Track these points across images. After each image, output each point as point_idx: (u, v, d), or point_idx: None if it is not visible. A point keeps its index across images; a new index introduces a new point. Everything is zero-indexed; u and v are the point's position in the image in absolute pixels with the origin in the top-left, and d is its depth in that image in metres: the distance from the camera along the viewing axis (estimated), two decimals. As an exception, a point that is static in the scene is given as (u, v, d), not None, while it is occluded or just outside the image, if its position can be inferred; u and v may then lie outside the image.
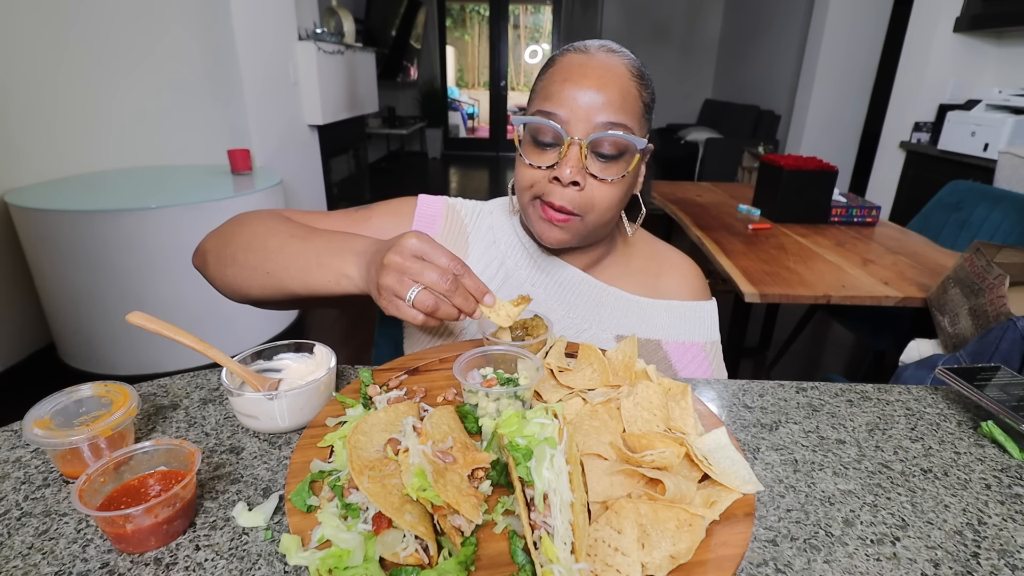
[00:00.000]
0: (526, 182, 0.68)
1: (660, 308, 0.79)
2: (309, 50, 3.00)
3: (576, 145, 0.63)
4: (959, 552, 0.47)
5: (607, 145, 0.64)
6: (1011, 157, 2.22)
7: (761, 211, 2.08)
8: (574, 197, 0.65)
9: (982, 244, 1.24)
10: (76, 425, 0.55)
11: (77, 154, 2.36)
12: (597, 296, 0.77)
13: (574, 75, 0.64)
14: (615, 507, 0.42)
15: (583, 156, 0.64)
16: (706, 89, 7.01)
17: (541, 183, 0.66)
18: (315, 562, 0.39)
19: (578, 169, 0.64)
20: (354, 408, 0.59)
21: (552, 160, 0.65)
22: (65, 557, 0.45)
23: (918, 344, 1.37)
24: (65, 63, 2.21)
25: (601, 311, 0.77)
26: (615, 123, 0.63)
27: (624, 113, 0.64)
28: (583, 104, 0.63)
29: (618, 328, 0.76)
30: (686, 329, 0.79)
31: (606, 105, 0.63)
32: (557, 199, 0.65)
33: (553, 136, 0.65)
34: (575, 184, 0.64)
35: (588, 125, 0.63)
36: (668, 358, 0.77)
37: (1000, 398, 0.63)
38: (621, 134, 0.63)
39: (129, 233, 1.95)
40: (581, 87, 0.63)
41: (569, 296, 0.76)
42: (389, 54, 5.91)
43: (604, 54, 0.66)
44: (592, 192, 0.66)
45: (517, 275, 0.77)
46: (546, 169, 0.66)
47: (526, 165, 0.67)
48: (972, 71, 2.95)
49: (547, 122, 0.64)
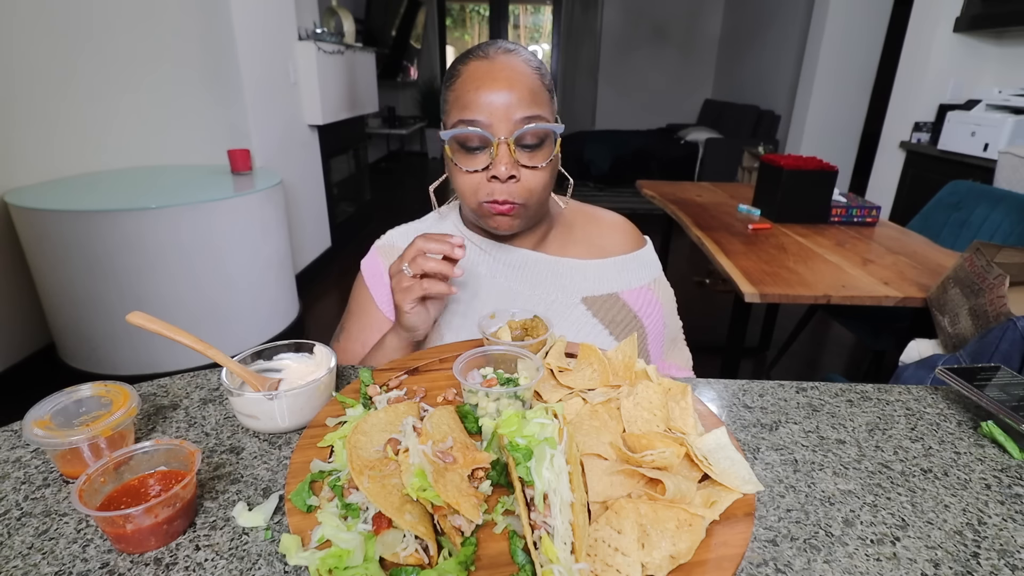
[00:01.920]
0: (468, 188, 0.73)
1: (609, 265, 0.86)
2: (309, 50, 3.00)
3: (504, 144, 0.69)
4: (959, 552, 0.47)
5: (530, 137, 0.70)
6: (1011, 157, 2.22)
7: (761, 211, 2.08)
8: (513, 190, 0.71)
9: (982, 244, 1.24)
10: (76, 425, 0.55)
11: (77, 154, 2.36)
12: (554, 268, 0.84)
13: (485, 81, 0.69)
14: (615, 507, 0.42)
15: (512, 152, 0.69)
16: (706, 89, 7.01)
17: (482, 186, 0.72)
18: (315, 562, 0.39)
19: (511, 164, 0.70)
20: (354, 408, 0.59)
21: (485, 162, 0.71)
22: (65, 557, 0.45)
23: (918, 344, 1.37)
24: (65, 63, 2.21)
25: (561, 280, 0.83)
26: (531, 116, 0.69)
27: (536, 105, 0.70)
28: (500, 105, 0.69)
29: (580, 291, 0.83)
30: (635, 277, 0.87)
31: (519, 102, 0.69)
32: (499, 195, 0.71)
33: (480, 140, 0.70)
34: (512, 178, 0.71)
35: (509, 123, 0.69)
36: (627, 304, 0.85)
37: (1000, 398, 0.63)
38: (540, 125, 0.70)
39: (129, 233, 1.95)
40: (494, 90, 0.69)
41: (529, 275, 0.83)
42: (389, 54, 5.90)
43: (504, 56, 0.72)
44: (527, 181, 0.72)
45: (476, 271, 0.83)
46: (482, 171, 0.71)
47: (464, 172, 0.72)
48: (972, 71, 2.95)
49: (473, 130, 0.69)
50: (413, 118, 7.14)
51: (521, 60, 0.72)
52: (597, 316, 0.82)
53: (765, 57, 5.54)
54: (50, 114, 2.20)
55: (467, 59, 0.73)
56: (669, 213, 2.22)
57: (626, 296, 0.85)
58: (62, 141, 2.29)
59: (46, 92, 2.16)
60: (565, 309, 0.82)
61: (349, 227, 3.95)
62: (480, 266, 0.83)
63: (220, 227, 2.14)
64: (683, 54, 6.88)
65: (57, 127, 2.25)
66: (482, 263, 0.83)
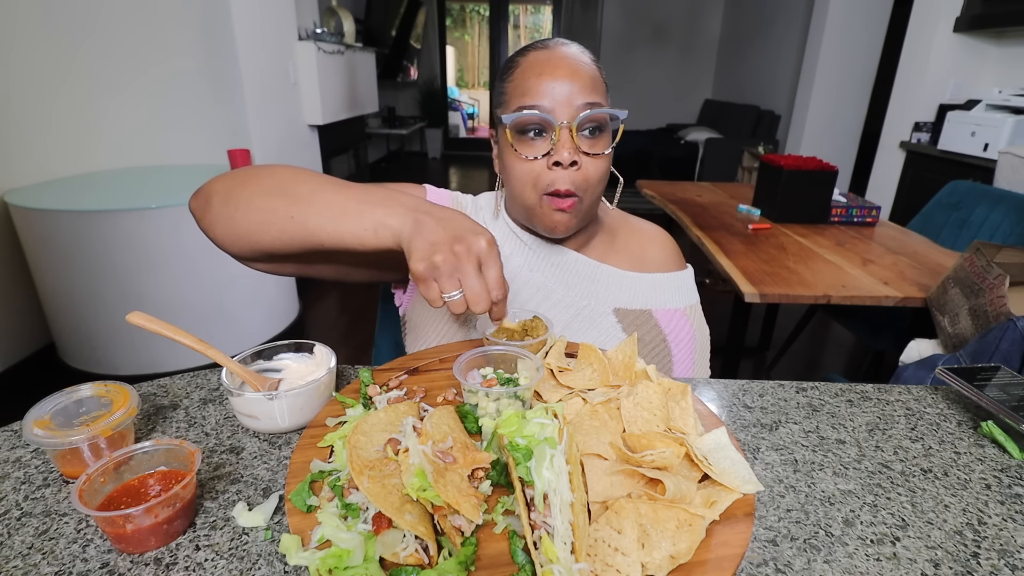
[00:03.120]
0: (528, 177, 0.71)
1: (647, 281, 0.85)
2: (309, 50, 3.00)
3: (566, 128, 0.68)
4: (959, 552, 0.47)
5: (591, 122, 0.70)
6: (1011, 157, 2.22)
7: (761, 211, 2.08)
8: (575, 177, 0.70)
9: (982, 244, 1.24)
10: (76, 425, 0.55)
11: (77, 154, 2.36)
12: (592, 274, 0.82)
13: (546, 68, 0.69)
14: (615, 507, 0.42)
15: (574, 137, 0.68)
16: (706, 89, 7.00)
17: (542, 174, 0.70)
18: (315, 562, 0.39)
19: (573, 149, 0.68)
20: (354, 408, 0.59)
21: (545, 148, 0.70)
22: (65, 557, 0.45)
23: (918, 344, 1.37)
24: (65, 63, 2.21)
25: (597, 287, 0.82)
26: (592, 103, 0.69)
27: (596, 93, 0.70)
28: (562, 91, 0.68)
29: (614, 301, 0.82)
30: (671, 298, 0.86)
31: (581, 89, 0.69)
32: (562, 184, 0.69)
33: (543, 125, 0.69)
34: (574, 164, 0.69)
35: (571, 109, 0.68)
36: (658, 324, 0.83)
37: (1000, 398, 0.63)
38: (602, 110, 0.69)
39: (129, 233, 1.95)
40: (556, 78, 0.68)
41: (566, 276, 0.81)
42: (389, 54, 5.90)
43: (564, 47, 0.72)
44: (587, 169, 0.70)
45: (512, 261, 0.81)
46: (542, 158, 0.70)
47: (523, 160, 0.70)
48: (972, 71, 2.95)
49: (535, 113, 0.68)
50: (413, 118, 7.14)
51: (580, 50, 0.73)
52: (627, 330, 0.80)
53: (765, 57, 5.54)
54: (50, 114, 2.20)
55: (526, 52, 0.73)
56: (669, 213, 2.22)
57: (659, 315, 0.83)
58: (62, 141, 2.29)
59: (46, 92, 2.16)
60: (596, 316, 0.80)
61: (349, 227, 3.94)
62: (516, 256, 0.81)
63: (220, 227, 2.13)
64: (683, 54, 6.88)
65: (57, 127, 2.25)
66: (518, 254, 0.81)
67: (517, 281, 0.79)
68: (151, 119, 2.54)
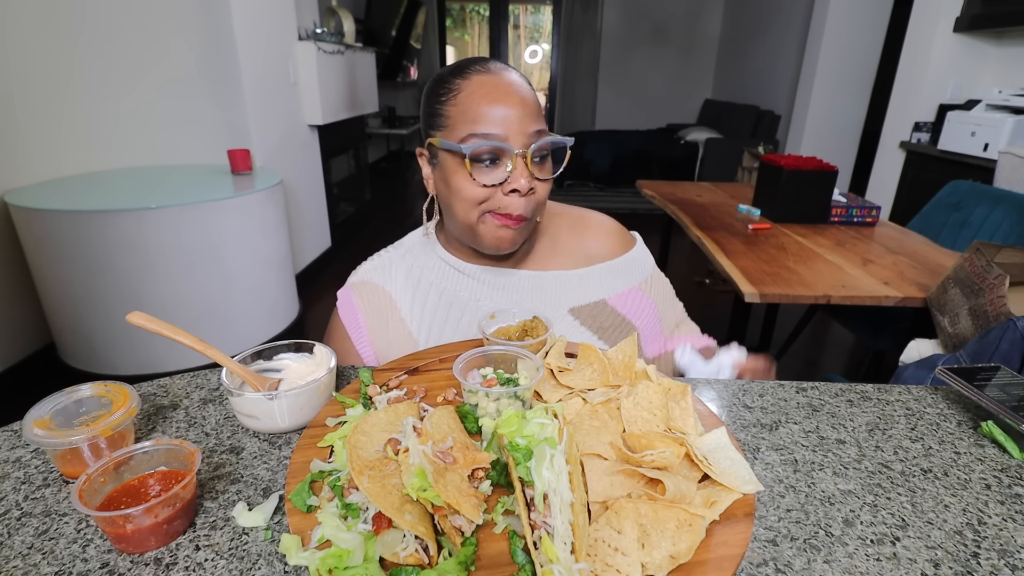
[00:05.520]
0: (477, 199, 0.71)
1: (595, 273, 0.85)
2: (309, 50, 3.00)
3: (522, 157, 0.69)
4: (959, 552, 0.47)
5: (544, 150, 0.71)
6: (1011, 157, 2.22)
7: (761, 211, 2.08)
8: (527, 203, 0.71)
9: (982, 244, 1.24)
10: (76, 425, 0.55)
11: (77, 154, 2.36)
12: (537, 283, 0.83)
13: (497, 95, 0.69)
14: (615, 507, 0.42)
15: (528, 165, 0.69)
16: (706, 89, 7.00)
17: (494, 198, 0.71)
18: (315, 562, 0.39)
19: (529, 177, 0.70)
20: (354, 408, 0.59)
21: (502, 176, 0.70)
22: (65, 557, 0.45)
23: (918, 344, 1.37)
24: (65, 63, 2.21)
25: (547, 295, 0.83)
26: (540, 130, 0.70)
27: (540, 119, 0.71)
28: (515, 120, 0.69)
29: (567, 303, 0.83)
30: (621, 281, 0.86)
31: (530, 116, 0.70)
32: (515, 210, 0.71)
33: (499, 154, 0.69)
34: (531, 191, 0.71)
35: (524, 137, 0.69)
36: (616, 310, 0.84)
37: (1000, 398, 0.63)
38: (554, 137, 0.71)
39: (129, 233, 1.95)
40: (509, 105, 0.69)
41: (512, 294, 0.82)
42: (389, 54, 5.90)
43: (505, 71, 0.72)
44: (539, 193, 0.73)
45: (459, 296, 0.81)
46: (498, 185, 0.70)
47: (478, 185, 0.70)
48: (972, 71, 2.95)
49: (492, 144, 0.68)
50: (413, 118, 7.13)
51: (519, 76, 0.73)
52: (586, 324, 0.81)
53: (765, 57, 5.54)
54: (50, 114, 2.20)
55: (465, 73, 0.71)
56: (669, 213, 2.22)
57: (614, 301, 0.84)
58: (62, 141, 2.29)
59: (46, 92, 2.16)
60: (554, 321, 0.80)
61: (349, 227, 3.95)
62: (462, 292, 0.81)
63: (220, 227, 2.13)
64: (683, 54, 6.88)
65: (57, 127, 2.25)
66: (464, 288, 0.81)
67: (467, 315, 0.80)
68: (151, 119, 2.54)
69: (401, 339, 0.80)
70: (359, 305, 0.83)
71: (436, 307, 0.81)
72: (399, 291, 0.82)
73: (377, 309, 0.82)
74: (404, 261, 0.84)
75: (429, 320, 0.80)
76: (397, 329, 0.81)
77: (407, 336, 0.80)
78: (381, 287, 0.83)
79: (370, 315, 0.82)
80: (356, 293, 0.83)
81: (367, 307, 0.82)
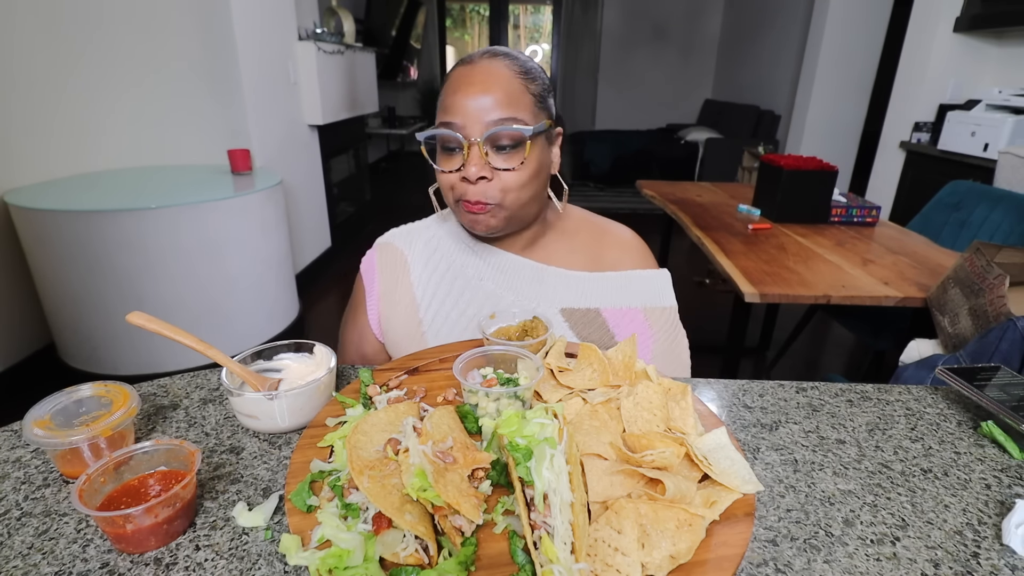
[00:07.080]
0: (446, 187, 0.75)
1: (598, 279, 0.85)
2: (309, 50, 3.00)
3: (475, 145, 0.70)
4: (959, 552, 0.47)
5: (504, 139, 0.71)
6: (1011, 157, 2.22)
7: (761, 211, 2.08)
8: (486, 190, 0.72)
9: (982, 244, 1.24)
10: (76, 425, 0.55)
11: (77, 154, 2.36)
12: (537, 275, 0.83)
13: (462, 85, 0.71)
14: (615, 507, 0.42)
15: (483, 153, 0.70)
16: (706, 89, 7.00)
17: (457, 185, 0.73)
18: (315, 562, 0.39)
19: (481, 165, 0.71)
20: (354, 408, 0.59)
21: (459, 163, 0.72)
22: (65, 557, 0.45)
23: (918, 344, 1.37)
24: (65, 63, 2.21)
25: (544, 289, 0.83)
26: (505, 118, 0.70)
27: (512, 108, 0.71)
28: (473, 108, 0.70)
29: (561, 302, 0.83)
30: (624, 296, 0.84)
31: (495, 104, 0.70)
32: (471, 196, 0.73)
33: (455, 142, 0.71)
34: (483, 179, 0.72)
35: (481, 125, 0.70)
36: (607, 323, 0.83)
37: (1000, 398, 0.63)
38: (509, 127, 0.70)
39: (129, 233, 1.95)
40: (470, 95, 0.70)
41: (512, 280, 0.83)
42: (389, 54, 5.90)
43: (487, 60, 0.73)
44: (502, 181, 0.73)
45: (465, 272, 0.84)
46: (456, 172, 0.73)
47: (441, 172, 0.75)
48: (972, 71, 2.95)
49: (446, 131, 0.71)
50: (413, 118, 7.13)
51: (503, 64, 0.73)
52: (574, 328, 0.81)
53: (765, 57, 5.54)
54: (50, 114, 2.19)
55: (456, 66, 0.75)
56: (669, 213, 2.22)
57: (608, 314, 0.82)
58: (62, 141, 2.29)
59: (46, 92, 2.16)
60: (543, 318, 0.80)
61: (349, 227, 3.94)
62: (468, 268, 0.84)
63: (220, 227, 2.13)
64: (683, 54, 6.87)
65: (57, 127, 2.25)
66: (470, 265, 0.84)
67: (469, 291, 0.82)
68: (151, 119, 2.54)
69: (406, 301, 0.84)
70: (378, 263, 0.87)
71: (443, 277, 0.84)
72: (415, 256, 0.86)
73: (392, 268, 0.86)
74: (428, 231, 0.89)
75: (434, 288, 0.83)
76: (404, 290, 0.84)
77: (411, 300, 0.84)
78: (400, 250, 0.87)
79: (384, 273, 0.87)
80: (379, 252, 0.88)
81: (384, 265, 0.87)
